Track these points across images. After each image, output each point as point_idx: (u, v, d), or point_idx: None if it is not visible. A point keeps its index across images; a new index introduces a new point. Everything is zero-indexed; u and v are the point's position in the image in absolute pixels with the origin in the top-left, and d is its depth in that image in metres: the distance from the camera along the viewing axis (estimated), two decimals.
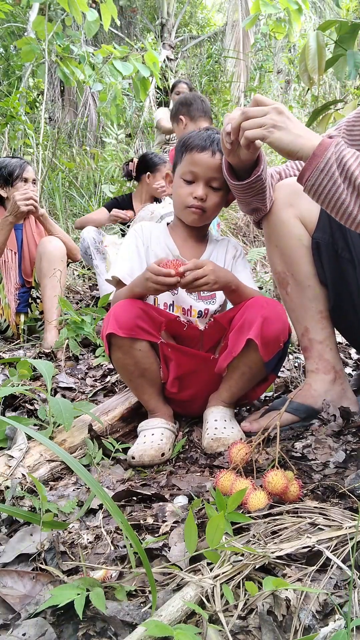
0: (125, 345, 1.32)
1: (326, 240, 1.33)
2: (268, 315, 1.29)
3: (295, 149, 1.06)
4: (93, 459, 1.26)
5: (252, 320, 1.30)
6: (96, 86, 4.47)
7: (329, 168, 1.03)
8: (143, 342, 1.34)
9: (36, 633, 0.68)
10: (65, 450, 0.90)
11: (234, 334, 1.36)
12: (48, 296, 2.44)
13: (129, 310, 1.32)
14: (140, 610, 0.71)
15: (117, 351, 1.34)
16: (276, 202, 1.38)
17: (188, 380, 1.43)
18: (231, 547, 0.78)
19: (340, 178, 1.03)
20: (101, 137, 6.94)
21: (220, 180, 1.39)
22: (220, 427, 1.34)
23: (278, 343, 1.32)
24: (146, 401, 1.44)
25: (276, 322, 1.30)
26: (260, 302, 1.34)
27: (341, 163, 1.02)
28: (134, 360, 1.35)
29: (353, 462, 1.13)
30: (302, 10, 4.20)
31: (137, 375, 1.38)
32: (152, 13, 9.67)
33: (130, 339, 1.31)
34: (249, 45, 8.11)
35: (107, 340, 1.33)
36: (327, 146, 1.03)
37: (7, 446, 1.27)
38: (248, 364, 1.35)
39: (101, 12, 3.92)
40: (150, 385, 1.41)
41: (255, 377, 1.40)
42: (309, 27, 7.71)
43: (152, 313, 1.35)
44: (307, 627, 0.67)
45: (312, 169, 1.04)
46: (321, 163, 1.03)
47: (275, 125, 1.07)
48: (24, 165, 2.59)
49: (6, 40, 6.55)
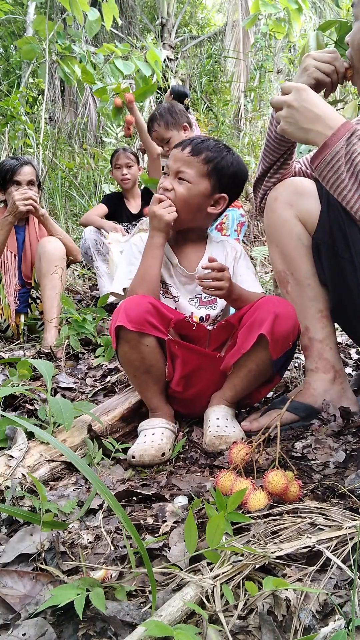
0: (134, 340, 1.32)
1: (326, 240, 1.33)
2: (280, 312, 1.30)
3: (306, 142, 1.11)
4: (93, 459, 1.26)
5: (264, 318, 1.30)
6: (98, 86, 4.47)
7: (336, 162, 1.04)
8: (151, 337, 1.34)
9: (36, 633, 0.68)
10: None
11: (244, 331, 1.36)
12: (48, 296, 2.43)
13: (140, 304, 1.32)
14: (140, 610, 0.71)
15: (124, 345, 1.34)
16: (277, 201, 1.38)
17: (193, 379, 1.43)
18: (231, 547, 0.78)
19: (346, 173, 1.04)
20: (101, 137, 6.94)
21: (188, 173, 1.40)
22: (222, 425, 1.34)
23: (288, 342, 1.32)
24: (148, 398, 1.44)
25: (288, 321, 1.30)
26: (272, 300, 1.35)
27: (350, 158, 1.03)
28: (140, 355, 1.35)
29: (353, 462, 1.13)
30: (302, 10, 4.20)
31: (142, 371, 1.38)
32: (152, 13, 9.67)
33: (139, 334, 1.31)
34: (249, 45, 8.11)
35: (116, 333, 1.33)
36: (339, 137, 1.04)
37: (7, 446, 1.27)
38: (256, 361, 1.35)
39: (103, 11, 3.93)
40: (154, 382, 1.41)
41: (261, 376, 1.40)
42: (309, 27, 7.71)
43: (161, 310, 1.36)
44: (307, 627, 0.67)
45: (319, 160, 1.07)
46: (329, 155, 1.05)
47: (286, 121, 1.10)
48: (15, 168, 2.47)
49: (6, 40, 6.55)
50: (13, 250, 2.59)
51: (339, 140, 1.04)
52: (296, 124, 1.10)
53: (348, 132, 1.04)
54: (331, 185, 1.08)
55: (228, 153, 1.45)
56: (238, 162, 1.47)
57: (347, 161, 1.04)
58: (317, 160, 1.08)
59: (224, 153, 1.44)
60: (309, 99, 1.09)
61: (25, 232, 2.67)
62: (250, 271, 1.53)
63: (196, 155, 1.41)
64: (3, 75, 6.45)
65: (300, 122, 1.09)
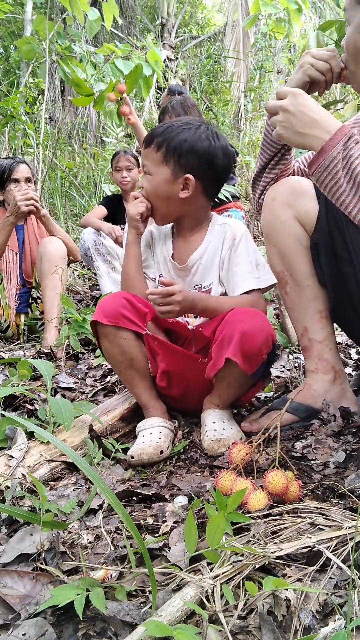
0: (111, 334, 1.35)
1: (325, 241, 1.33)
2: (247, 329, 1.25)
3: (302, 147, 1.10)
4: (93, 459, 1.26)
5: (231, 336, 1.27)
6: (99, 85, 4.46)
7: (333, 167, 1.04)
8: (127, 331, 1.36)
9: (36, 633, 0.68)
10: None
11: (216, 347, 1.33)
12: (48, 296, 2.44)
13: (114, 300, 1.37)
14: (140, 610, 0.71)
15: (104, 340, 1.38)
16: (275, 201, 1.38)
17: (177, 378, 1.43)
18: (231, 547, 0.78)
19: (344, 178, 1.04)
20: (101, 137, 6.94)
21: (147, 166, 1.39)
22: (219, 428, 1.34)
23: (260, 355, 1.29)
24: (138, 395, 1.44)
25: (256, 336, 1.26)
26: (238, 315, 1.30)
27: (348, 162, 1.03)
28: (120, 349, 1.37)
29: (353, 462, 1.13)
30: (302, 10, 4.20)
31: (126, 365, 1.40)
32: (152, 13, 9.67)
33: (115, 327, 1.34)
34: (249, 45, 8.11)
35: (94, 330, 1.38)
36: (336, 142, 1.04)
37: (7, 446, 1.27)
38: (232, 375, 1.33)
39: (103, 11, 3.93)
40: (140, 378, 1.42)
41: (243, 386, 1.39)
42: (309, 27, 7.70)
43: (137, 304, 1.37)
44: (307, 627, 0.67)
45: (317, 165, 1.06)
46: (326, 160, 1.05)
47: (282, 125, 1.10)
48: (12, 166, 2.53)
49: (6, 40, 6.55)
50: (14, 249, 2.60)
51: (336, 145, 1.04)
52: (292, 128, 1.09)
53: (345, 136, 1.04)
54: (329, 190, 1.07)
55: (183, 131, 1.36)
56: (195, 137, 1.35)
57: (344, 166, 1.03)
58: (314, 166, 1.08)
59: (174, 133, 1.35)
60: (305, 103, 1.08)
61: (24, 231, 2.68)
62: (248, 258, 1.43)
63: (149, 145, 1.39)
64: (3, 75, 6.45)
65: (297, 127, 1.09)
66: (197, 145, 1.35)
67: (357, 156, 1.02)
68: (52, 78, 7.43)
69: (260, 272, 1.44)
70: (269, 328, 1.30)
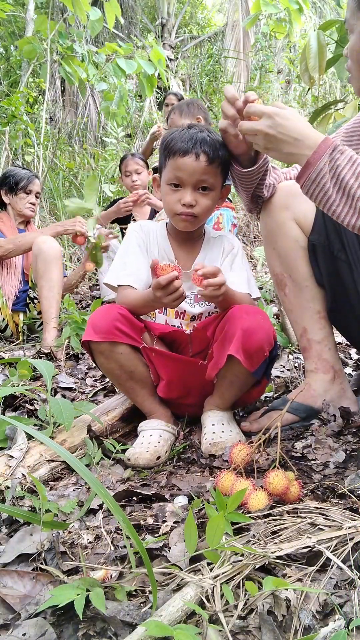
0: (106, 350, 1.31)
1: (322, 242, 1.33)
2: (248, 326, 1.25)
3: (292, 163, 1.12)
4: (93, 459, 1.26)
5: (232, 334, 1.26)
6: (101, 85, 4.46)
7: (321, 178, 1.05)
8: (123, 345, 1.31)
9: (36, 633, 0.68)
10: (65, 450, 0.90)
11: (217, 345, 1.33)
12: (45, 296, 2.44)
13: (107, 314, 1.31)
14: (140, 610, 0.71)
15: (99, 356, 1.34)
16: (273, 204, 1.39)
17: (179, 384, 1.41)
18: (231, 547, 0.78)
19: (333, 188, 1.05)
20: (101, 137, 6.94)
21: (209, 181, 1.30)
22: (218, 431, 1.34)
23: (262, 353, 1.28)
24: (140, 404, 1.43)
25: (258, 333, 1.25)
26: (240, 312, 1.29)
27: (335, 173, 1.04)
28: (117, 364, 1.33)
29: (353, 462, 1.13)
30: (302, 10, 4.20)
31: (126, 378, 1.37)
32: (152, 13, 9.66)
33: (110, 343, 1.30)
34: (250, 45, 8.11)
35: (88, 348, 1.34)
36: (321, 155, 1.05)
37: (7, 446, 1.27)
38: (234, 373, 1.33)
39: (105, 10, 3.93)
40: (141, 387, 1.40)
41: (245, 385, 1.38)
42: (310, 27, 7.70)
43: (131, 318, 1.33)
44: (307, 627, 0.67)
45: (304, 178, 1.07)
46: (313, 173, 1.06)
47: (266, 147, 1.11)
48: (31, 178, 2.75)
49: (6, 40, 6.54)
50: None
51: (321, 157, 1.04)
52: (278, 150, 1.10)
53: (329, 148, 1.04)
54: (319, 201, 1.08)
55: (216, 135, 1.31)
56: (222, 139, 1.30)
57: (332, 177, 1.04)
58: (302, 179, 1.08)
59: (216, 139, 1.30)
60: (284, 123, 1.07)
61: (25, 232, 2.71)
62: (244, 271, 1.45)
63: (213, 161, 1.29)
64: (3, 75, 6.44)
65: (282, 148, 1.09)
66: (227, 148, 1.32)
67: (344, 166, 1.03)
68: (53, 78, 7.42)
69: (251, 287, 1.43)
70: (269, 325, 1.30)
